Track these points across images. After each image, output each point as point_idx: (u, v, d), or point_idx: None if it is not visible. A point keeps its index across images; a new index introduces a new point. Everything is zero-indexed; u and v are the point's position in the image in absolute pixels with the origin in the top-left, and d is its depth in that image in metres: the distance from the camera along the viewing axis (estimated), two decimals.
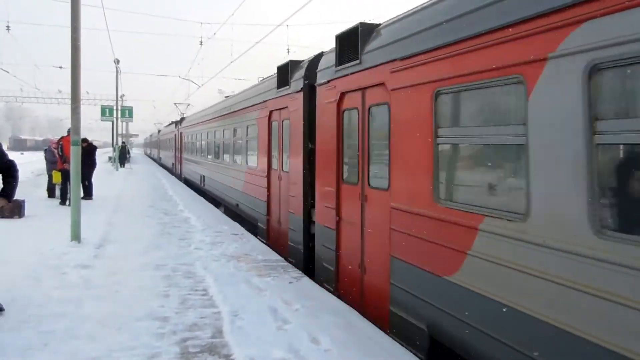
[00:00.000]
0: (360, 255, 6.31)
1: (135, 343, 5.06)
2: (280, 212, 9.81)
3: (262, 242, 10.63)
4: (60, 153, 16.26)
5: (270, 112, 10.27)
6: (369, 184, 6.12)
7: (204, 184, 20.07)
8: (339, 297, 6.80)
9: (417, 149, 4.91)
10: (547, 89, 3.42)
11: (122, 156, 40.89)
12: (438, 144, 4.64)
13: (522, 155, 3.64)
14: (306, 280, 7.61)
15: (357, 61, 6.23)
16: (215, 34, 28.17)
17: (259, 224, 11.30)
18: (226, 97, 18.64)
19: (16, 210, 12.99)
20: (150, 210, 15.33)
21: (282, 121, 9.63)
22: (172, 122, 37.82)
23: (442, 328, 4.54)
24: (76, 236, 9.81)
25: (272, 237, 10.42)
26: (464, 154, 4.63)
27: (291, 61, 9.16)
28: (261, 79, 12.08)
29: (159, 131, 48.69)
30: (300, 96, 8.39)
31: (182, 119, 31.44)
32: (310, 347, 4.99)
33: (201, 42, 32.55)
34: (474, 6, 4.17)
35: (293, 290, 6.97)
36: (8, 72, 45.99)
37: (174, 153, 34.47)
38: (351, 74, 6.45)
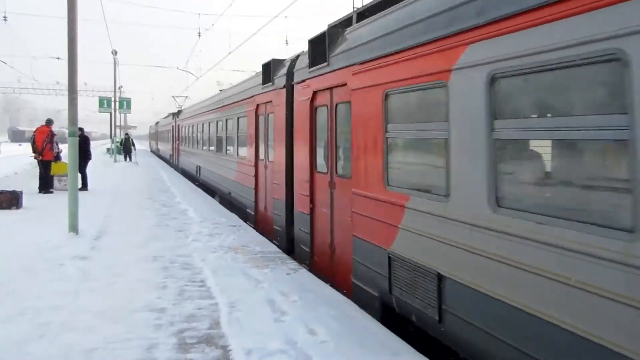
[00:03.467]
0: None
1: (132, 335, 5.06)
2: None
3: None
4: (32, 143, 16.26)
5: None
6: None
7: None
8: None
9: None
10: None
11: (127, 149, 39.49)
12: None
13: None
14: (304, 271, 7.62)
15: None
16: (213, 25, 28.06)
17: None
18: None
19: (14, 201, 12.97)
20: (147, 202, 15.32)
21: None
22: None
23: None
24: (73, 228, 9.79)
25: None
26: None
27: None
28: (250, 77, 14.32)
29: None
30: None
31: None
32: (307, 338, 5.00)
33: (199, 33, 32.45)
34: None
35: (290, 282, 6.97)
36: (5, 63, 45.78)
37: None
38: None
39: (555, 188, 3.65)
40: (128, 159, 38.61)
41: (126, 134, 42.22)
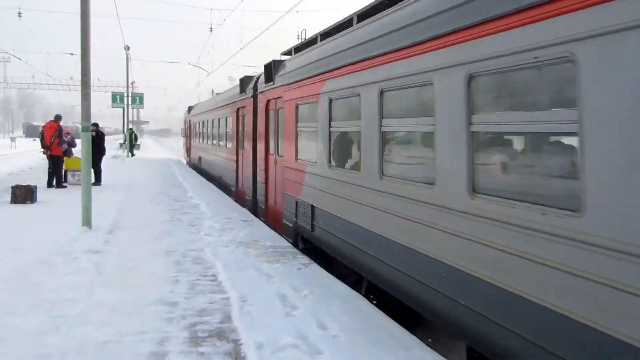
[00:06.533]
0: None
1: (146, 328, 5.12)
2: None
3: None
4: (40, 139, 16.38)
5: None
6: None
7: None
8: None
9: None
10: None
11: (131, 143, 37.83)
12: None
13: None
14: (315, 266, 7.64)
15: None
16: (225, 20, 28.08)
17: None
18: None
19: (28, 196, 13.15)
20: (160, 196, 15.43)
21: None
22: None
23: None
24: (87, 222, 9.90)
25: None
26: None
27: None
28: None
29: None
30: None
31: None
32: (318, 333, 5.02)
33: (211, 28, 32.52)
34: None
35: (302, 277, 6.99)
36: (20, 59, 46.35)
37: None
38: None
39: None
40: (130, 154, 36.48)
41: (130, 129, 39.76)
